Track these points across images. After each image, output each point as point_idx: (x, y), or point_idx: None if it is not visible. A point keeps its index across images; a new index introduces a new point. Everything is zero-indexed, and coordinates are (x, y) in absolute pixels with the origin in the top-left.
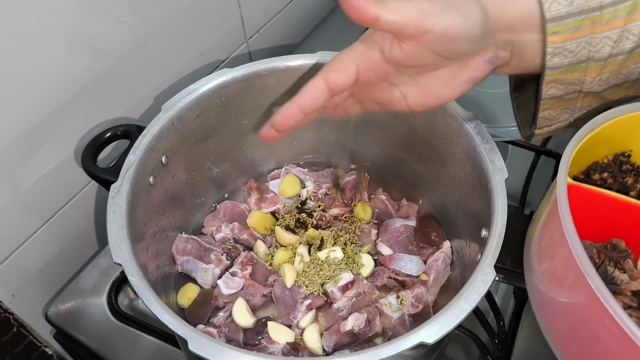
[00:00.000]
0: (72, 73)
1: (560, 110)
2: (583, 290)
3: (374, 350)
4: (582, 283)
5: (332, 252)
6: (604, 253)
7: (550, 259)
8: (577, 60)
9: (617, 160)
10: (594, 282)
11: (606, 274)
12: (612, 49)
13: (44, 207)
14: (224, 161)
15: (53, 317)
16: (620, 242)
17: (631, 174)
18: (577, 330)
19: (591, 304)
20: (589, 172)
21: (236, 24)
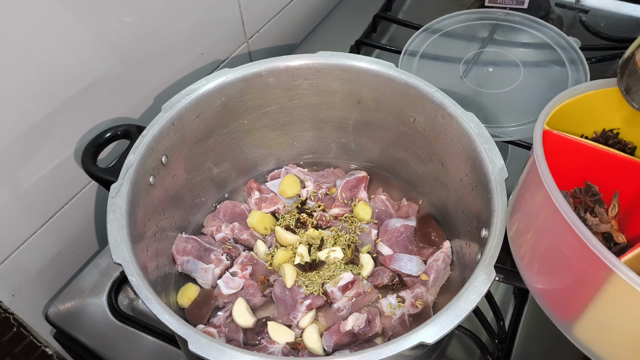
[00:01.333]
0: (72, 73)
1: None
2: (551, 210)
3: (374, 350)
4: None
5: (332, 252)
6: (579, 200)
7: (525, 195)
8: None
9: (604, 135)
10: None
11: (579, 215)
12: None
13: (44, 207)
14: (224, 161)
15: (53, 317)
16: (593, 186)
17: (616, 147)
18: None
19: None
20: None
21: (236, 24)
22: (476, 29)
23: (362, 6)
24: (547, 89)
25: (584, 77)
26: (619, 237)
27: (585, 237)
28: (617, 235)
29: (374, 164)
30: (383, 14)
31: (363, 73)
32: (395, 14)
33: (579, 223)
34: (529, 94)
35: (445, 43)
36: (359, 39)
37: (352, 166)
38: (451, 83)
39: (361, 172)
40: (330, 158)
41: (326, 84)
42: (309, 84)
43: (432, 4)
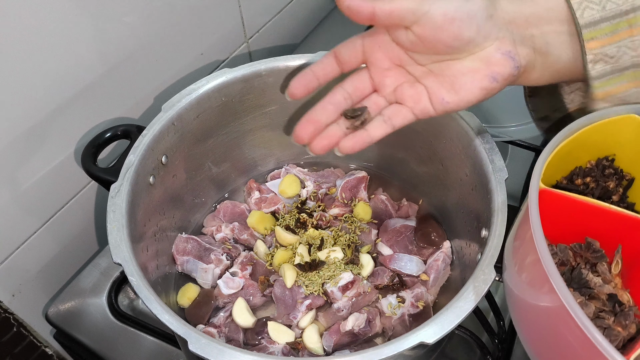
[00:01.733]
0: (72, 73)
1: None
2: (550, 295)
3: (374, 350)
4: (548, 288)
5: (332, 252)
6: (580, 255)
7: (521, 261)
8: (619, 66)
9: (599, 165)
10: (559, 287)
11: (581, 277)
12: None
13: (44, 207)
14: (224, 161)
15: (53, 317)
16: (594, 242)
17: (613, 178)
18: (546, 332)
19: (556, 308)
20: (572, 177)
21: (236, 24)
22: None
23: None
24: None
25: None
26: (624, 296)
27: (594, 337)
28: (622, 294)
29: (374, 164)
30: None
31: None
32: None
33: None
34: None
35: None
36: None
37: (352, 166)
38: None
39: (361, 172)
40: (330, 158)
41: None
42: None
43: None
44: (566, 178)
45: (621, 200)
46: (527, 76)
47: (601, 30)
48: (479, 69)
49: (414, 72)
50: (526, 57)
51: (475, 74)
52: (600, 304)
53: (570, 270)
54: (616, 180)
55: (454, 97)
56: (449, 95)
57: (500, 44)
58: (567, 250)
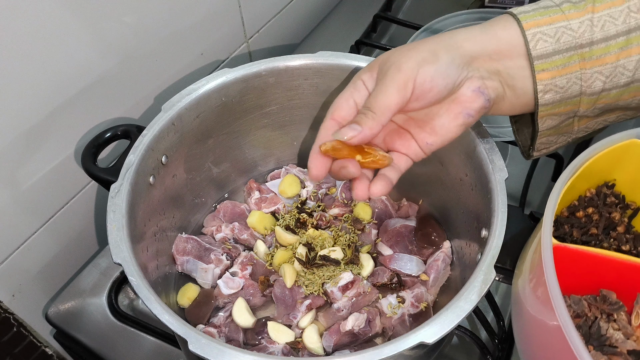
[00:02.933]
0: (72, 73)
1: (558, 135)
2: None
3: (374, 350)
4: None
5: (332, 252)
6: (595, 306)
7: (537, 323)
8: (569, 95)
9: (600, 193)
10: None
11: (600, 333)
12: (604, 83)
13: (44, 207)
14: (224, 161)
15: (53, 317)
16: (610, 294)
17: (617, 208)
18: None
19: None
20: (573, 210)
21: (236, 24)
22: None
23: (362, 6)
24: None
25: None
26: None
27: None
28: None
29: None
30: (383, 14)
31: None
32: (395, 14)
33: None
34: None
35: None
36: (359, 39)
37: None
38: None
39: None
40: None
41: (326, 84)
42: (309, 84)
43: (432, 4)
44: (568, 209)
45: (627, 231)
46: (499, 107)
47: (553, 62)
48: (454, 109)
49: (397, 121)
50: (495, 90)
51: (451, 114)
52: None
53: (587, 325)
54: (620, 210)
55: (436, 138)
56: (431, 138)
57: (470, 82)
58: (582, 301)
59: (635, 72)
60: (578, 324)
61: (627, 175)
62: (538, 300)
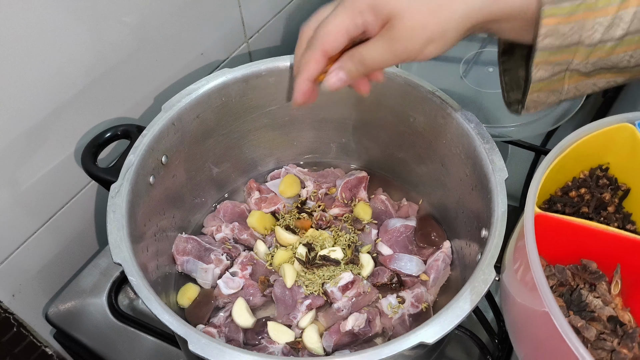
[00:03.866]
0: (72, 73)
1: (548, 93)
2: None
3: (374, 350)
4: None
5: (332, 252)
6: (579, 276)
7: (521, 289)
8: (567, 43)
9: (593, 175)
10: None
11: (580, 299)
12: (602, 35)
13: (44, 207)
14: (224, 161)
15: (53, 317)
16: (591, 263)
17: (608, 189)
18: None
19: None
20: (566, 190)
21: (236, 24)
22: None
23: None
24: None
25: None
26: (625, 316)
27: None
28: (623, 314)
29: (374, 164)
30: None
31: None
32: None
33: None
34: None
35: None
36: None
37: (352, 166)
38: (451, 83)
39: (361, 172)
40: (330, 158)
41: None
42: None
43: None
44: (561, 190)
45: (617, 211)
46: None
47: (561, 9)
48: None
49: None
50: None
51: None
52: (601, 327)
53: (569, 292)
54: (611, 191)
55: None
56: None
57: None
58: (566, 271)
59: (631, 24)
60: (561, 292)
61: (619, 158)
62: (522, 283)
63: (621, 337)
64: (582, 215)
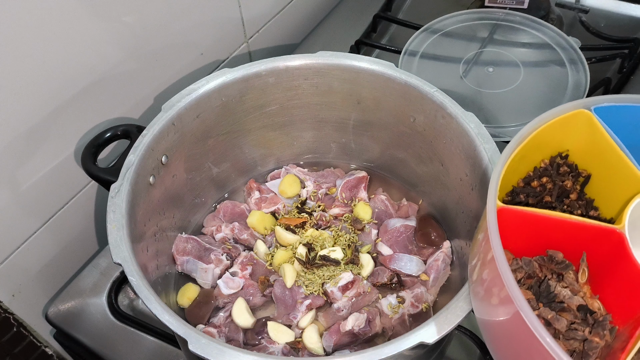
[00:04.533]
0: (72, 73)
1: None
2: (512, 314)
3: (374, 350)
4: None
5: (332, 252)
6: (546, 267)
7: (483, 281)
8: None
9: (554, 163)
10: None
11: (549, 290)
12: None
13: (44, 207)
14: (224, 161)
15: (53, 317)
16: (557, 254)
17: (569, 176)
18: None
19: (520, 326)
20: (528, 180)
21: (236, 24)
22: (476, 29)
23: (362, 6)
24: (547, 89)
25: (583, 77)
26: (595, 304)
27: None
28: (592, 302)
29: (374, 164)
30: (383, 14)
31: (363, 73)
32: (395, 14)
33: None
34: (529, 94)
35: (445, 43)
36: (359, 39)
37: (352, 166)
38: (451, 83)
39: (361, 172)
40: (330, 158)
41: (326, 84)
42: (309, 84)
43: (432, 4)
44: (523, 180)
45: (579, 198)
46: None
47: None
48: None
49: None
50: None
51: None
52: (571, 317)
53: (537, 284)
54: (572, 178)
55: None
56: None
57: None
58: (532, 262)
59: None
60: (529, 284)
61: (578, 144)
62: (487, 281)
63: (592, 326)
64: (546, 205)
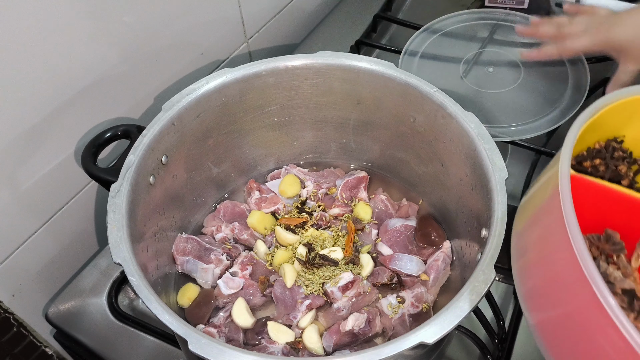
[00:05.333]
0: (72, 73)
1: None
2: (583, 294)
3: (374, 350)
4: (583, 286)
5: (332, 252)
6: (597, 246)
7: (545, 254)
8: None
9: (609, 147)
10: (598, 287)
11: (599, 268)
12: None
13: (44, 207)
14: (224, 161)
15: (53, 317)
16: (615, 234)
17: (624, 162)
18: (571, 333)
19: (591, 310)
20: (580, 160)
21: (236, 24)
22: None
23: (362, 6)
24: (547, 89)
25: (584, 77)
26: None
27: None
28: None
29: (374, 164)
30: (383, 14)
31: (363, 73)
32: (395, 14)
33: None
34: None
35: (445, 43)
36: (359, 39)
37: (352, 166)
38: (451, 83)
39: (361, 172)
40: (330, 158)
41: (326, 84)
42: (309, 84)
43: (432, 4)
44: (575, 159)
45: (630, 185)
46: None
47: None
48: None
49: None
50: None
51: None
52: (619, 300)
53: None
54: (627, 164)
55: None
56: None
57: None
58: (584, 239)
59: None
60: None
61: (635, 132)
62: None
63: (638, 312)
64: None
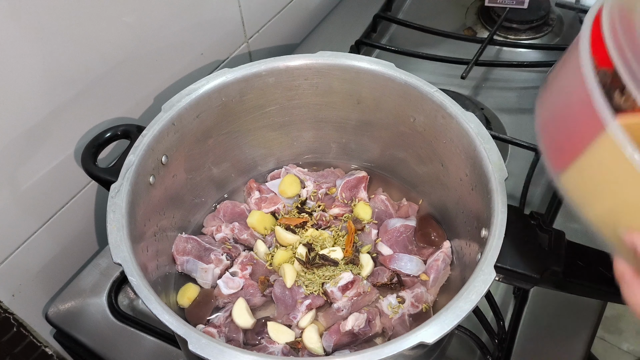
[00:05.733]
0: (72, 73)
1: None
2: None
3: (374, 350)
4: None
5: (332, 252)
6: (618, 80)
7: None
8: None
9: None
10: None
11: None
12: None
13: (44, 207)
14: (224, 161)
15: (53, 317)
16: None
17: None
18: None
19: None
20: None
21: (236, 24)
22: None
23: (362, 6)
24: None
25: None
26: None
27: (592, 90)
28: None
29: (374, 164)
30: (383, 14)
31: (363, 73)
32: (395, 14)
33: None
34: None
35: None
36: (359, 39)
37: (352, 166)
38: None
39: (361, 172)
40: (330, 158)
41: (326, 84)
42: (309, 84)
43: (432, 4)
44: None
45: None
46: None
47: None
48: None
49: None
50: None
51: None
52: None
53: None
54: None
55: None
56: None
57: None
58: (607, 74)
59: None
60: None
61: None
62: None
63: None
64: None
